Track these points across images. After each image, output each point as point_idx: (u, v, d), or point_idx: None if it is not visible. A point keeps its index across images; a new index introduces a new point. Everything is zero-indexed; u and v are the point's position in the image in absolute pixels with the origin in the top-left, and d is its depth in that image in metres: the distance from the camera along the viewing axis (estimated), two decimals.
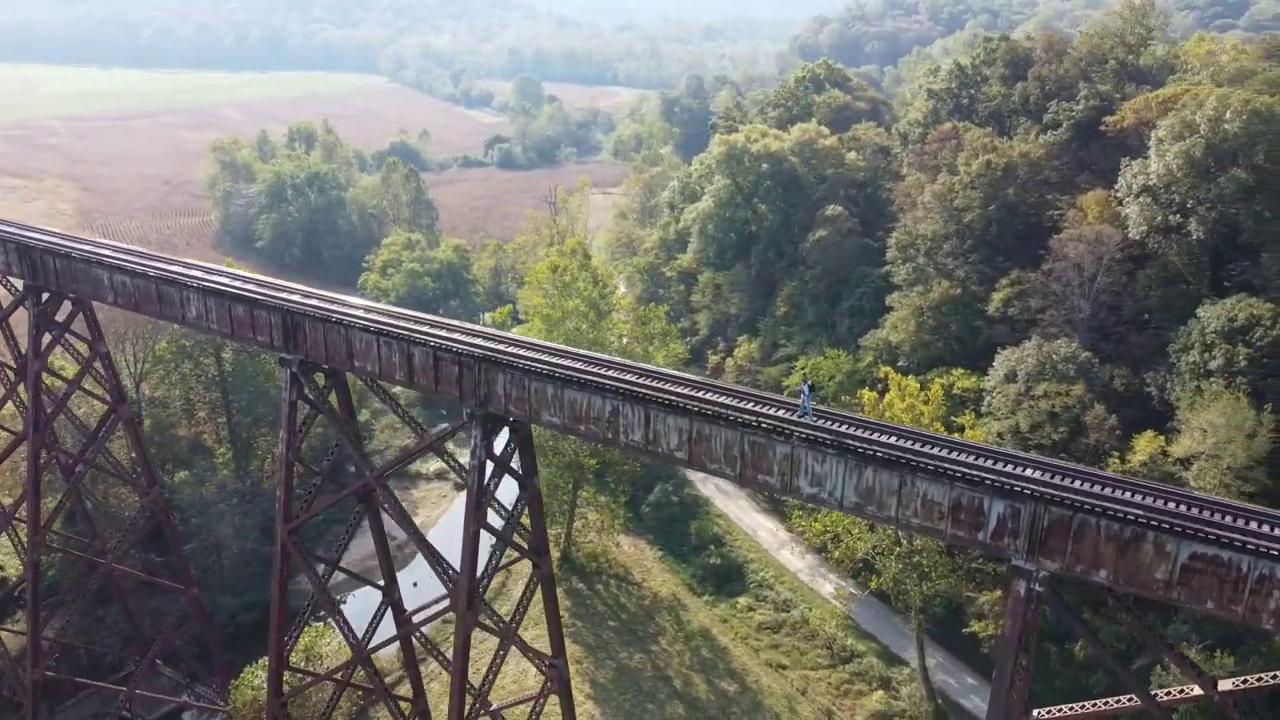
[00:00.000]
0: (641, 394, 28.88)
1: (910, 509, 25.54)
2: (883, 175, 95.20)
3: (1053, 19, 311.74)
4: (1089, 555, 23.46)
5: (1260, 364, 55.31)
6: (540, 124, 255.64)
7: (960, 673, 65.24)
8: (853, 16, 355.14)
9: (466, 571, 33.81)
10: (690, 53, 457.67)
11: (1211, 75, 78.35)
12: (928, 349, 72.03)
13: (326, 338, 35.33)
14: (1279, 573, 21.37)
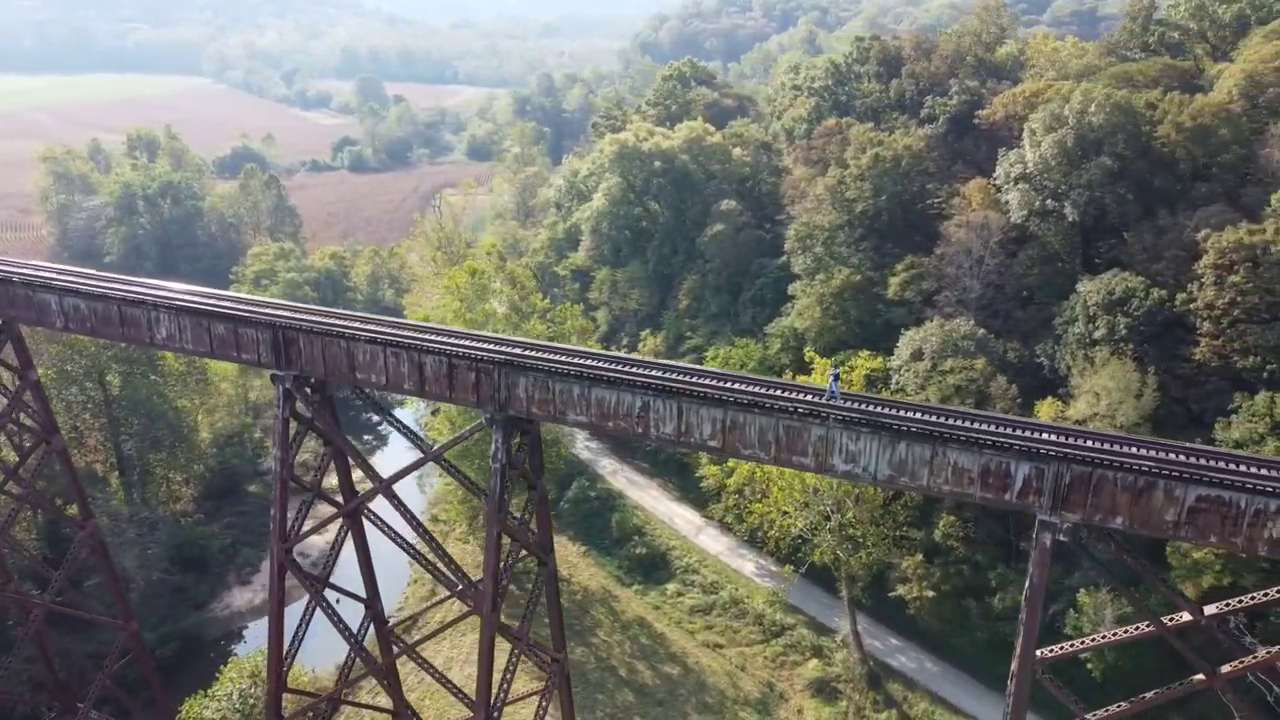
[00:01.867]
0: (675, 388, 30.33)
1: (941, 477, 28.12)
2: (765, 170, 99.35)
3: (878, 16, 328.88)
4: (1107, 505, 26.62)
5: (1139, 331, 61.65)
6: (389, 125, 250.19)
7: (885, 635, 69.38)
8: (690, 14, 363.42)
9: (491, 574, 34.36)
10: (530, 50, 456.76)
11: (1059, 71, 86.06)
12: (833, 333, 76.02)
13: (325, 351, 35.03)
14: (1272, 507, 25.02)
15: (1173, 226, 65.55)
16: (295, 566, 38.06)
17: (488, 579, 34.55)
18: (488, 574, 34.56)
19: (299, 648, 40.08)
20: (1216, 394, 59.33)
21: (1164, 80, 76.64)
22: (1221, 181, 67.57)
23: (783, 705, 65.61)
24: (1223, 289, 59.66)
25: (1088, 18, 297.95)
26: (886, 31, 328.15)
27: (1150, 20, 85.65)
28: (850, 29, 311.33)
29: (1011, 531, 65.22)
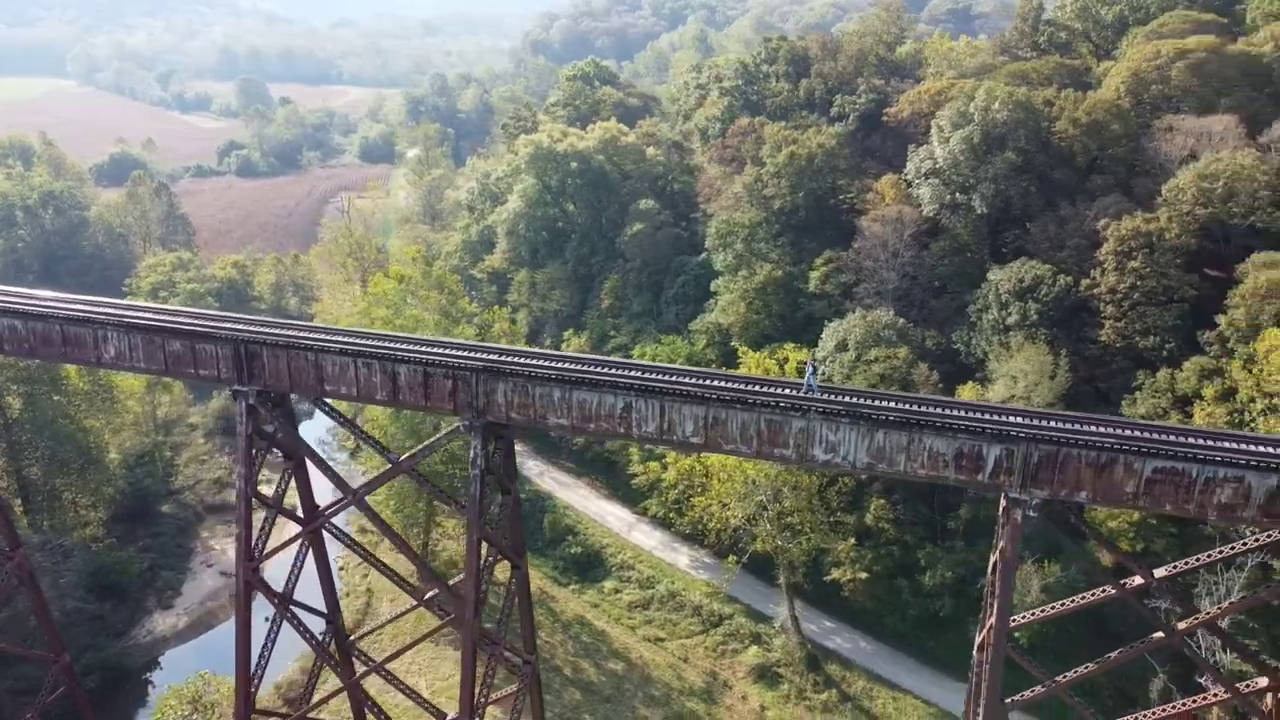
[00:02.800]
0: (656, 387, 31.06)
1: (918, 461, 29.64)
2: (678, 169, 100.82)
3: (764, 15, 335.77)
4: (1072, 481, 28.55)
5: (1048, 316, 65.30)
6: (277, 128, 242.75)
7: (821, 619, 71.53)
8: (580, 12, 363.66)
9: (472, 580, 34.43)
10: (415, 49, 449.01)
11: (956, 69, 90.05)
12: (757, 327, 77.90)
13: (291, 365, 34.48)
14: (1220, 474, 27.30)
15: (1073, 216, 69.57)
16: (263, 585, 37.25)
17: (469, 585, 34.62)
18: (469, 580, 34.63)
19: (265, 668, 39.22)
20: (1121, 373, 63.41)
21: (1057, 78, 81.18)
22: (1114, 173, 72.06)
23: (727, 693, 67.06)
24: (1123, 274, 63.72)
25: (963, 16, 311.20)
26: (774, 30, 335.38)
27: (1039, 21, 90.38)
28: (738, 27, 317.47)
29: (936, 511, 68.24)
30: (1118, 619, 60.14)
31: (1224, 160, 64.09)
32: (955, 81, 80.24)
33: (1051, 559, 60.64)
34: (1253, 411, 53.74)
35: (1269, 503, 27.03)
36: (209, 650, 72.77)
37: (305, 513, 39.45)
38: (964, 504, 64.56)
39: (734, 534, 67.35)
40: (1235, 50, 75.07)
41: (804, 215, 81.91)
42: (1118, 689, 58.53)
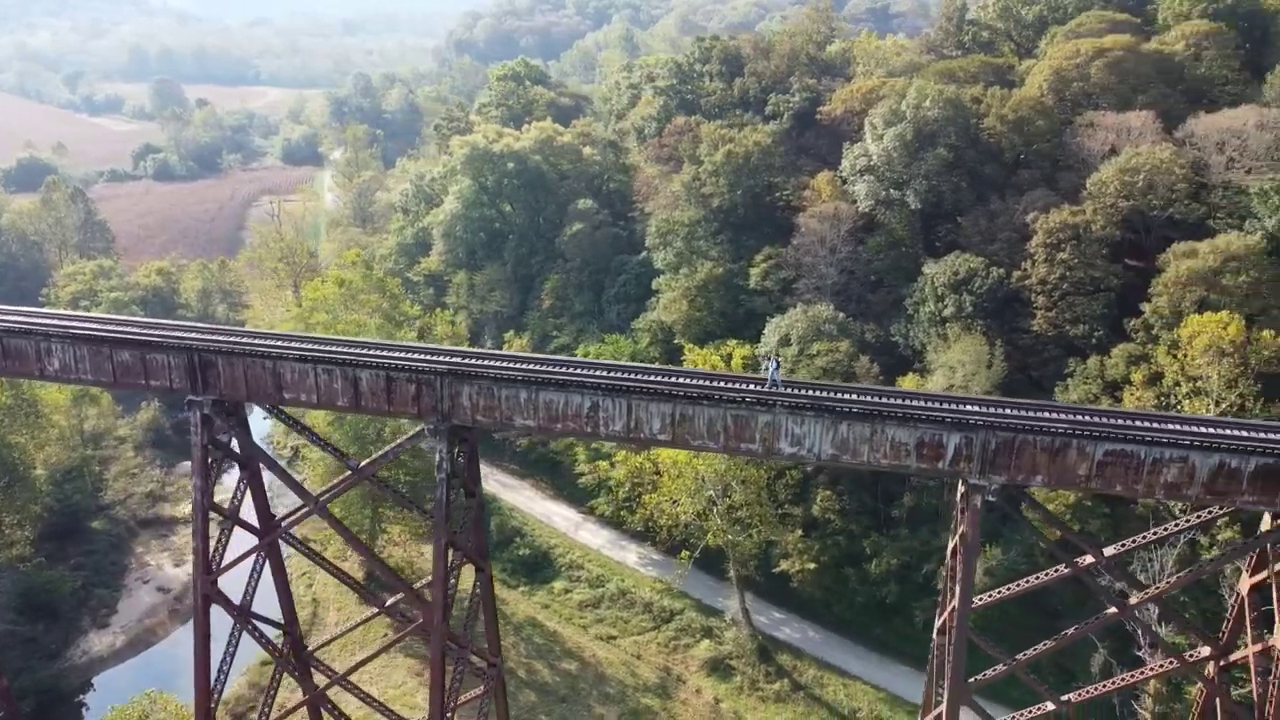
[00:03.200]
0: (624, 386, 31.33)
1: (881, 451, 30.45)
2: (614, 168, 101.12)
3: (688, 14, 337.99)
4: (1028, 466, 29.65)
5: (982, 308, 67.26)
6: (195, 130, 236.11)
7: (770, 610, 72.50)
8: (504, 11, 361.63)
9: (441, 584, 34.27)
10: (335, 49, 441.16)
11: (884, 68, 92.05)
12: (700, 324, 78.61)
13: (248, 373, 33.88)
14: (1166, 455, 28.64)
15: (1003, 210, 71.77)
16: (222, 598, 36.49)
17: (437, 589, 34.46)
18: (437, 584, 34.47)
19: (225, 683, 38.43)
20: (1053, 360, 65.66)
21: (982, 76, 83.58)
22: (1040, 168, 74.50)
23: (681, 687, 67.66)
24: (1053, 265, 65.99)
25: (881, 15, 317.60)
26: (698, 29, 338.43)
27: (963, 20, 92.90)
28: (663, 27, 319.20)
29: (880, 501, 69.77)
30: (1055, 598, 62.34)
31: (1143, 155, 66.78)
32: (886, 80, 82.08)
33: (991, 543, 62.47)
34: (1178, 395, 56.18)
35: (1211, 480, 28.45)
36: (150, 669, 70.84)
37: (261, 523, 38.76)
38: (907, 492, 66.16)
39: (685, 530, 67.83)
40: (1149, 49, 78.22)
41: (742, 213, 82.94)
42: (1059, 665, 60.55)
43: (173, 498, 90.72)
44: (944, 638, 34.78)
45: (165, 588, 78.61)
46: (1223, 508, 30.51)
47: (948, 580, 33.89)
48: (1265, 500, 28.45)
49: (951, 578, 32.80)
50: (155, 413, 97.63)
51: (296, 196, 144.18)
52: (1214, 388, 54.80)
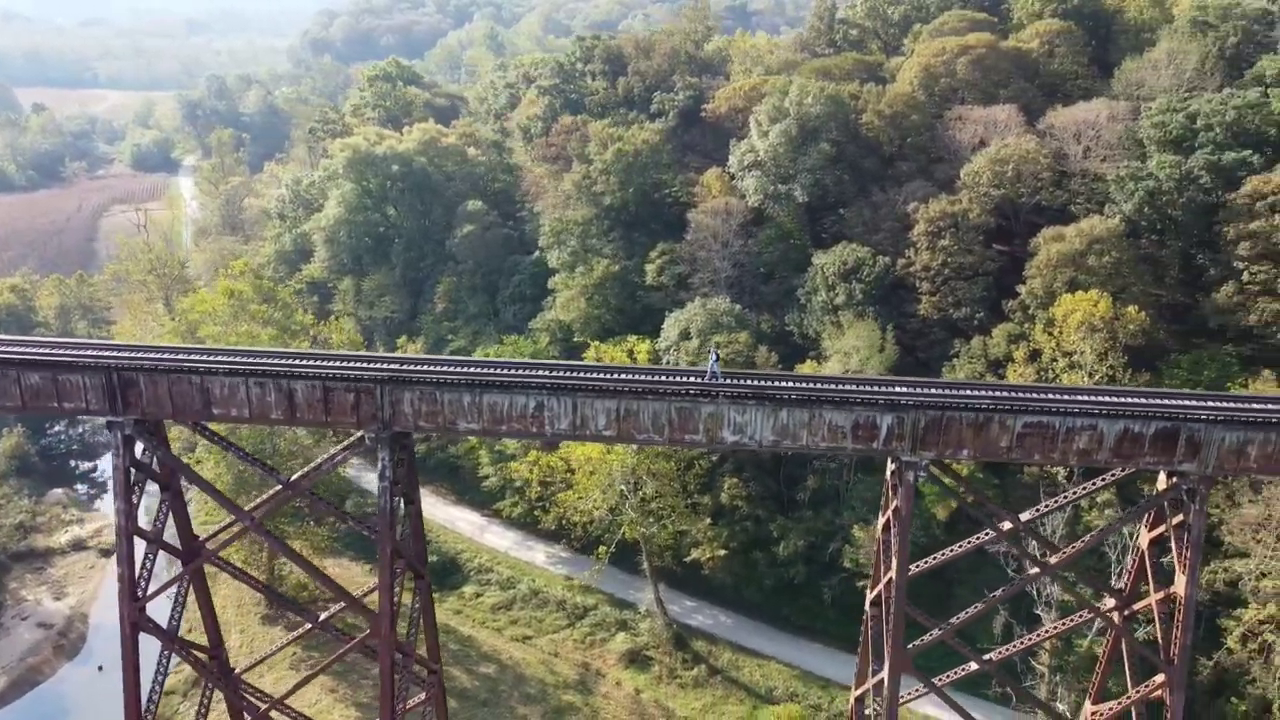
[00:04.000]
0: (569, 385, 31.78)
1: (819, 435, 31.87)
2: (499, 169, 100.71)
3: (552, 12, 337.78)
4: (955, 441, 31.61)
5: (871, 295, 70.32)
6: (32, 137, 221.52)
7: (681, 599, 73.81)
8: (361, 9, 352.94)
9: (386, 593, 33.92)
10: (182, 49, 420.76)
11: (758, 65, 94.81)
12: (598, 322, 79.32)
13: (173, 390, 32.71)
14: (1076, 425, 31.06)
15: (885, 202, 75.17)
16: (152, 625, 35.05)
17: (384, 598, 34.09)
18: (383, 593, 34.10)
19: (155, 715, 36.90)
20: (939, 342, 69.28)
21: (856, 73, 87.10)
22: (916, 161, 78.31)
23: (601, 681, 68.33)
24: (935, 252, 69.56)
25: (740, 13, 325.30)
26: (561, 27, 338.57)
27: (834, 19, 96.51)
28: (528, 25, 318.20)
29: (783, 485, 72.08)
30: (950, 568, 65.86)
31: (1011, 146, 71.14)
32: (767, 78, 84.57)
33: None
34: (1056, 369, 60.25)
35: (1118, 445, 31.03)
36: (36, 711, 66.92)
37: (184, 544, 37.39)
38: (811, 475, 68.55)
39: (599, 526, 68.38)
40: (1008, 46, 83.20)
41: (634, 210, 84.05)
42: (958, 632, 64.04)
43: (45, 528, 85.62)
44: (878, 609, 36.64)
45: (47, 623, 74.17)
46: (1125, 470, 33.24)
47: (880, 554, 35.70)
48: (1164, 460, 31.21)
49: (885, 552, 34.60)
50: (19, 439, 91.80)
51: (155, 205, 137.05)
52: (1087, 361, 59.00)
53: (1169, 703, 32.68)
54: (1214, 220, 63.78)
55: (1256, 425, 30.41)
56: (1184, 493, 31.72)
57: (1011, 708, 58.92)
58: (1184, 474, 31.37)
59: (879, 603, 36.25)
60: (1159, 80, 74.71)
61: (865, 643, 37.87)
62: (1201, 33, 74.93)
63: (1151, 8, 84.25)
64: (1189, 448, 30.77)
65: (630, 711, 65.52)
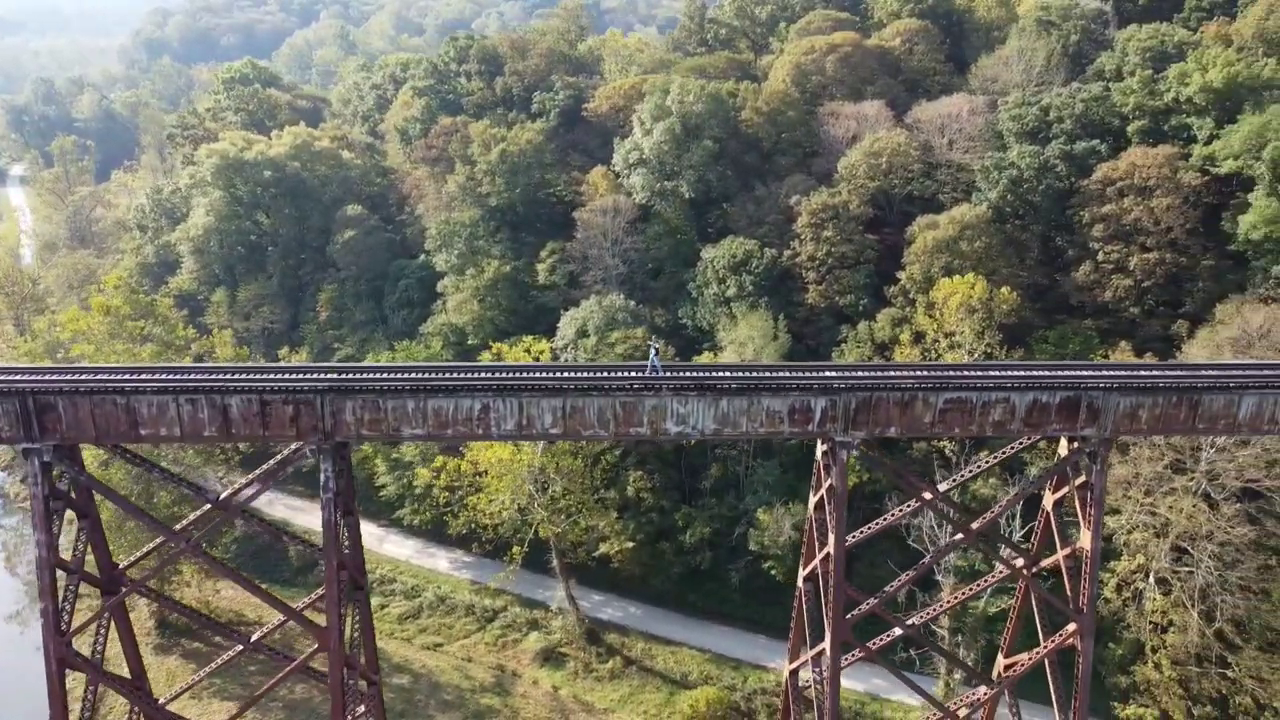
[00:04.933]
0: (515, 385, 32.13)
1: (758, 421, 33.26)
2: (373, 171, 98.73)
3: (403, 10, 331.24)
4: (883, 419, 33.55)
5: (761, 286, 72.73)
6: None
7: (589, 594, 74.45)
8: (198, 8, 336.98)
9: (335, 606, 33.42)
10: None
11: (639, 65, 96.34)
12: (492, 323, 79.07)
13: (95, 412, 31.32)
14: (992, 398, 33.50)
15: (768, 196, 77.82)
16: (79, 660, 33.37)
17: (332, 611, 33.57)
18: (331, 606, 33.58)
19: None
20: (827, 329, 72.32)
21: (730, 71, 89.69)
22: (794, 155, 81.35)
23: (517, 682, 68.41)
24: (819, 243, 72.57)
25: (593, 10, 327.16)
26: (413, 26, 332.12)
27: (705, 19, 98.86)
28: (378, 24, 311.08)
29: (685, 475, 73.80)
30: None
31: (883, 140, 74.90)
32: (646, 77, 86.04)
33: (792, 500, 67.97)
34: (939, 349, 64.01)
35: (1028, 415, 33.65)
36: None
37: (103, 574, 35.75)
38: (713, 464, 70.45)
39: (509, 527, 68.28)
40: (872, 45, 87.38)
41: (520, 211, 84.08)
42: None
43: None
44: (811, 584, 38.44)
45: None
46: (1030, 438, 36.04)
47: (812, 532, 37.45)
48: (1068, 427, 34.04)
49: (819, 529, 36.34)
50: None
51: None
52: (966, 340, 62.95)
53: (1080, 647, 35.71)
54: (1068, 205, 69.01)
55: (1146, 390, 33.55)
56: (1086, 455, 34.68)
57: (915, 671, 62.36)
58: (1085, 438, 34.29)
59: (812, 578, 38.02)
60: (1011, 76, 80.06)
61: (799, 617, 39.59)
62: (1047, 31, 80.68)
63: (998, 7, 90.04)
64: (1089, 414, 33.67)
65: (550, 709, 65.90)
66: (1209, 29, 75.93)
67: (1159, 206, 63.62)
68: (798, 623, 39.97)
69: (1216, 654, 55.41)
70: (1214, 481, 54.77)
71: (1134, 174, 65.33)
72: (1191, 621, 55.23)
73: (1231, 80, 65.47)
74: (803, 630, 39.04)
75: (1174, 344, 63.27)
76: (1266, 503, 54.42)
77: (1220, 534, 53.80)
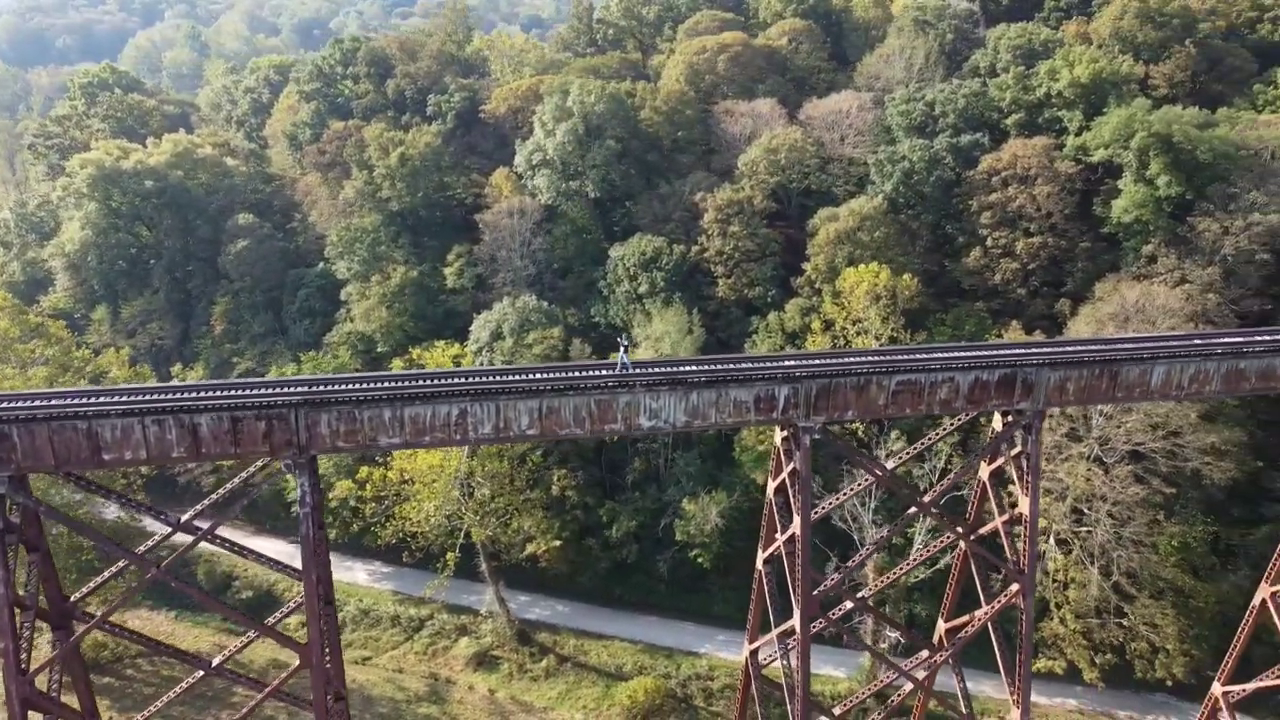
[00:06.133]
0: (493, 389, 32.46)
1: (726, 412, 34.55)
2: (258, 178, 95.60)
3: (254, 10, 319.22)
4: (842, 404, 35.37)
5: (672, 282, 74.31)
6: None
7: (515, 595, 74.57)
8: (27, 8, 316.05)
9: (315, 621, 32.98)
10: None
11: (529, 65, 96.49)
12: (401, 330, 78.04)
13: (55, 440, 30.06)
14: (939, 379, 35.83)
15: (672, 193, 79.46)
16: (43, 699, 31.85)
17: (313, 627, 33.12)
18: (311, 622, 33.13)
19: None
20: (738, 321, 74.52)
21: (623, 72, 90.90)
22: (693, 153, 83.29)
23: (452, 689, 68.15)
24: (726, 238, 74.65)
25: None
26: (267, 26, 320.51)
27: (592, 19, 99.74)
28: (230, 23, 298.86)
29: (606, 470, 74.81)
30: None
31: (780, 136, 77.60)
32: (542, 78, 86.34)
33: (715, 489, 69.87)
34: (848, 335, 66.99)
35: (970, 392, 36.11)
36: None
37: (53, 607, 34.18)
38: (636, 458, 71.67)
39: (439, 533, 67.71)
40: (760, 44, 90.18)
41: (422, 215, 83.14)
42: None
43: None
44: (770, 566, 40.12)
45: None
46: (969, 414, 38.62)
47: (771, 515, 39.03)
48: (1005, 402, 36.67)
49: (781, 511, 37.96)
50: None
51: None
52: (873, 326, 66.13)
53: (1023, 605, 38.61)
54: (956, 195, 73.15)
55: (1073, 364, 36.50)
56: (1022, 428, 37.46)
57: (842, 645, 65.29)
58: (1021, 411, 37.06)
59: (771, 560, 39.68)
60: (894, 73, 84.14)
61: (759, 598, 41.21)
62: (924, 31, 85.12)
63: (875, 7, 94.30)
64: (1024, 388, 36.39)
65: (489, 713, 65.94)
66: (1069, 28, 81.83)
67: (1040, 194, 68.32)
68: (757, 604, 41.59)
69: (1114, 605, 60.15)
70: (1105, 446, 59.49)
71: (1016, 164, 69.91)
72: (1091, 577, 59.85)
73: (1096, 75, 70.83)
74: (763, 611, 40.63)
75: (1058, 322, 68.15)
76: (1150, 463, 59.37)
77: (1113, 495, 58.42)
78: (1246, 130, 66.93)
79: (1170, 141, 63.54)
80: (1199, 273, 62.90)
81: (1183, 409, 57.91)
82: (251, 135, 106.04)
